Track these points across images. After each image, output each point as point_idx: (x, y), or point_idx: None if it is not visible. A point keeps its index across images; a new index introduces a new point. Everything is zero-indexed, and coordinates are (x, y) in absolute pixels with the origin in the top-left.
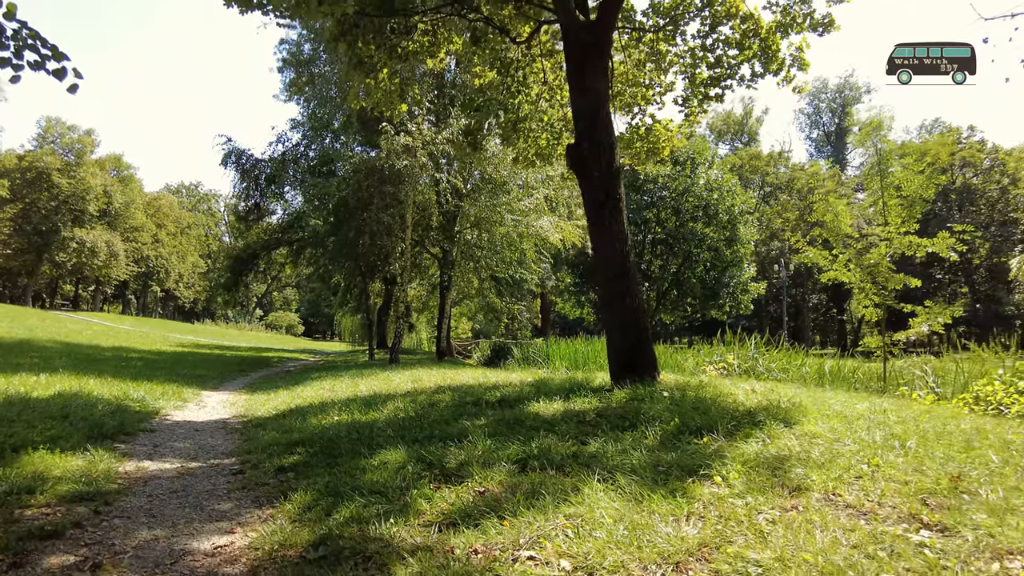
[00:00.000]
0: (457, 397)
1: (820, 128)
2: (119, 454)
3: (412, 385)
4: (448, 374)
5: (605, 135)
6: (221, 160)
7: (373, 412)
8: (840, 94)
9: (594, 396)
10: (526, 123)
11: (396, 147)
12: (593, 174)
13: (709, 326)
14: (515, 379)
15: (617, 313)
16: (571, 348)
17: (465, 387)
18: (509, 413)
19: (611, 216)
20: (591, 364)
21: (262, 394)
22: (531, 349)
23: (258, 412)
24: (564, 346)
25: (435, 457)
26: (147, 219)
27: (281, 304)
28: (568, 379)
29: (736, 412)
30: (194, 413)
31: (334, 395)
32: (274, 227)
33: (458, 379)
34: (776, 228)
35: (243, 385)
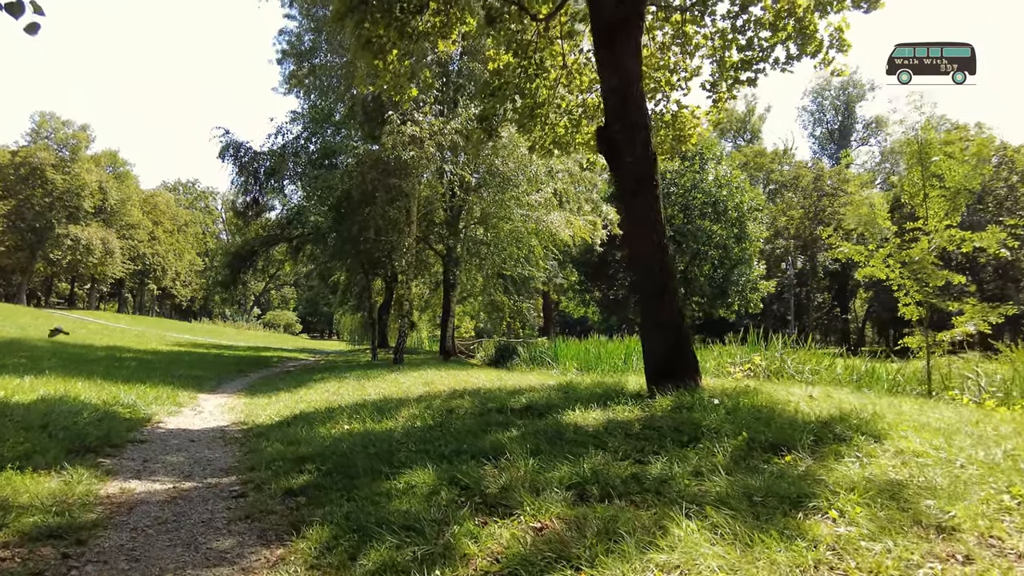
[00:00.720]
0: (478, 403)
1: (824, 125)
2: (102, 472)
3: (424, 388)
4: (459, 376)
5: (639, 115)
6: (219, 153)
7: (387, 420)
8: (844, 91)
9: (634, 404)
10: (544, 109)
11: (402, 137)
12: (626, 159)
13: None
14: (534, 382)
15: (654, 312)
16: (580, 348)
17: (483, 391)
18: (543, 424)
19: (647, 205)
20: (603, 365)
21: (263, 397)
22: (538, 349)
23: (259, 418)
24: (573, 346)
25: (471, 479)
26: (143, 216)
27: (279, 303)
28: (596, 383)
29: (806, 423)
30: (189, 420)
31: (341, 399)
32: (273, 223)
33: (472, 382)
34: (781, 226)
35: (242, 387)
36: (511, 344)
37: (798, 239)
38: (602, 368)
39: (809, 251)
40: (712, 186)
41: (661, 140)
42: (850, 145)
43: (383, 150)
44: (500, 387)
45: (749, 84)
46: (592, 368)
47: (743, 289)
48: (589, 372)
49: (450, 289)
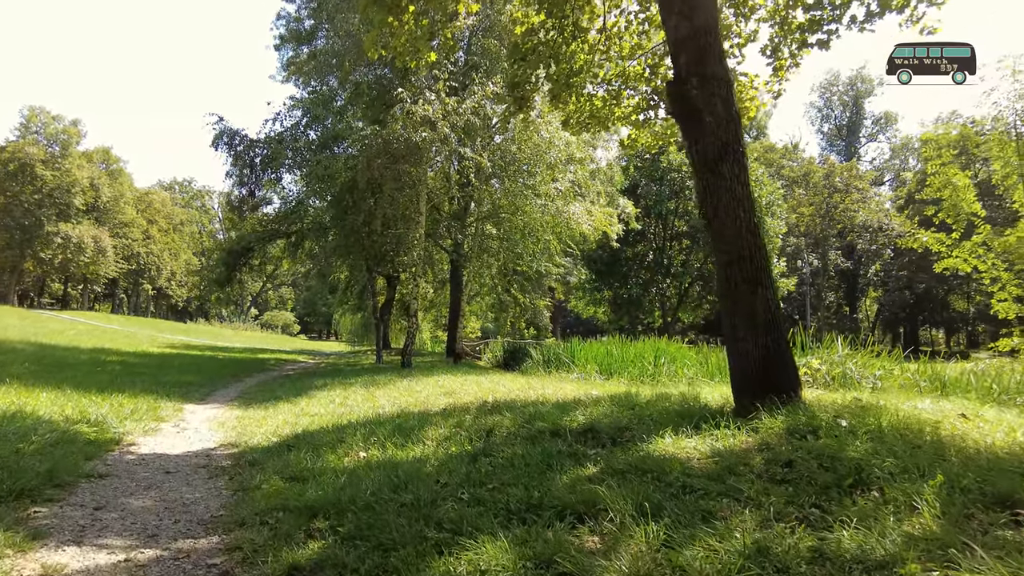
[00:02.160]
0: (522, 422)
1: (832, 121)
2: (27, 532)
3: (446, 399)
4: (481, 383)
5: (720, 67)
6: (212, 141)
7: (413, 444)
8: (852, 87)
9: (733, 426)
10: (580, 77)
11: (413, 118)
12: (705, 119)
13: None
14: (573, 392)
15: (746, 308)
16: (600, 350)
17: (519, 404)
18: (627, 457)
19: (733, 175)
20: (630, 369)
21: (258, 409)
22: (552, 351)
23: (253, 438)
24: (592, 348)
25: (574, 564)
26: (138, 215)
27: (276, 303)
28: (659, 395)
29: (998, 458)
30: (169, 440)
31: (350, 412)
32: (270, 218)
33: (498, 390)
34: (791, 223)
35: (235, 395)
36: (521, 345)
37: (809, 236)
38: (629, 372)
39: (820, 248)
40: None
41: None
42: (859, 141)
43: (391, 133)
44: (538, 399)
45: (821, 47)
46: (617, 372)
47: None
48: (613, 377)
49: (458, 287)
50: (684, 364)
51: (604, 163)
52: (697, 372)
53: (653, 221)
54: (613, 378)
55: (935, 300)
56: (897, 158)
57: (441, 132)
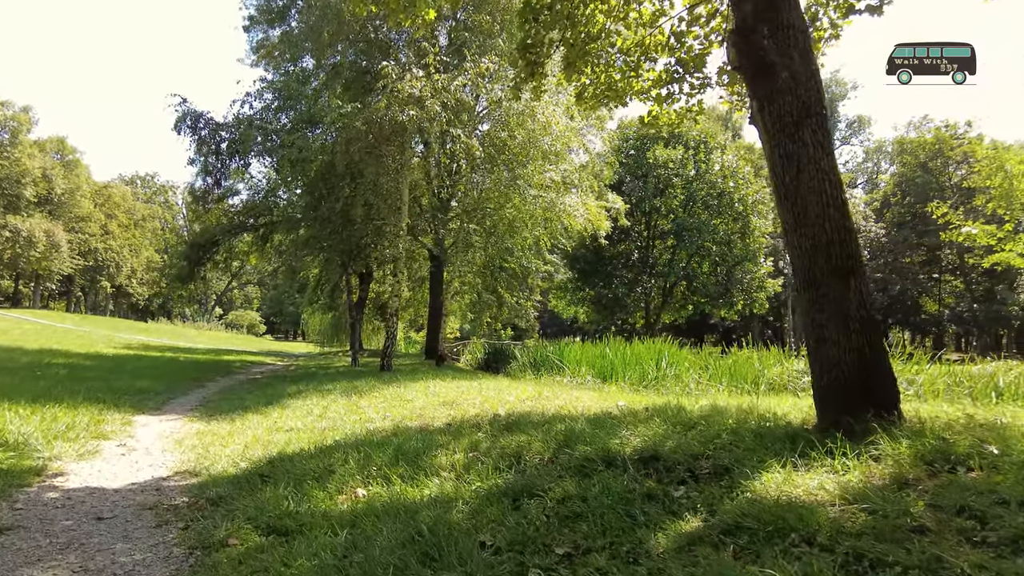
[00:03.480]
0: (557, 446)
1: None
2: None
3: (446, 411)
4: (478, 390)
5: (795, 14)
6: (174, 124)
7: (424, 476)
8: (826, 90)
9: (840, 451)
10: (598, 44)
11: (400, 96)
12: (779, 75)
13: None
14: (596, 403)
15: (835, 303)
16: (591, 352)
17: (539, 419)
18: (732, 502)
19: (816, 142)
20: (630, 372)
21: (223, 421)
22: (539, 353)
23: (217, 464)
24: (582, 350)
25: None
26: (96, 209)
27: (242, 302)
28: (712, 409)
29: None
30: (110, 466)
31: (333, 427)
32: (237, 209)
33: (503, 400)
34: None
35: (196, 403)
36: (503, 347)
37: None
38: (629, 377)
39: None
40: (718, 176)
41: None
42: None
43: (375, 112)
44: (558, 412)
45: (872, 13)
46: (614, 377)
47: (748, 288)
48: (610, 381)
49: (439, 285)
50: (684, 368)
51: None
52: (702, 377)
53: (638, 219)
54: (610, 383)
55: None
56: (870, 161)
57: (431, 110)
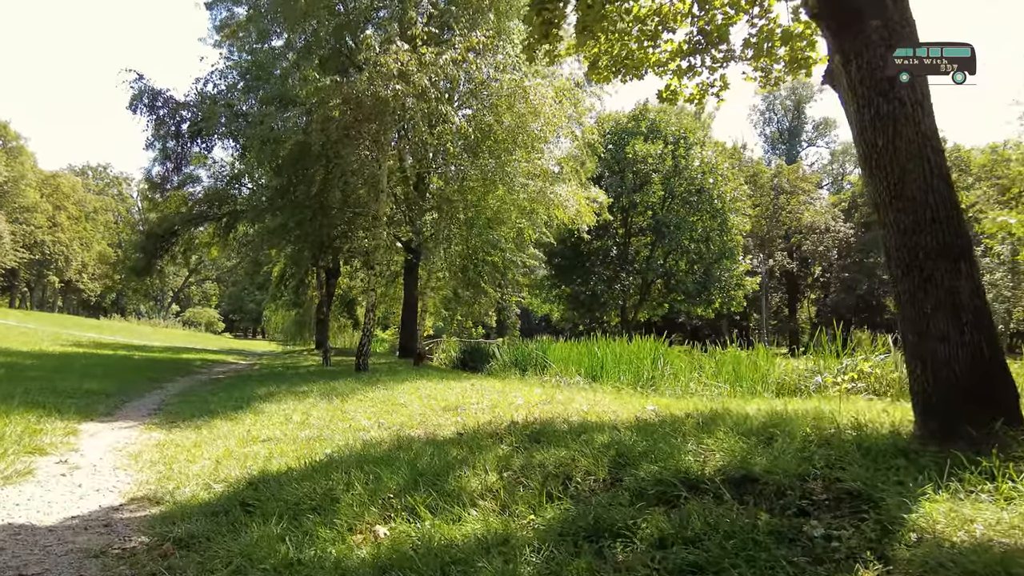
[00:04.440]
0: (611, 462)
1: (774, 125)
2: None
3: (451, 418)
4: (477, 391)
5: None
6: (129, 103)
7: (458, 507)
8: (793, 92)
9: (972, 468)
10: (616, 6)
11: (383, 70)
12: (869, 24)
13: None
14: (621, 407)
15: (943, 292)
16: (577, 351)
17: (566, 427)
18: (906, 548)
19: (915, 101)
20: (624, 373)
21: (188, 429)
22: (518, 352)
23: (185, 486)
24: (570, 348)
25: None
26: (42, 199)
27: (200, 299)
28: (774, 414)
29: None
30: (43, 492)
31: (319, 435)
32: (198, 198)
33: (509, 401)
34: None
35: (154, 407)
36: (478, 345)
37: (755, 237)
38: (623, 377)
39: (767, 250)
40: (697, 172)
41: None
42: (800, 145)
43: (356, 85)
44: (585, 419)
45: None
46: (605, 376)
47: (726, 286)
48: (600, 381)
49: (414, 280)
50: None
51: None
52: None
53: (615, 215)
54: (602, 383)
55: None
56: (836, 162)
57: (418, 84)
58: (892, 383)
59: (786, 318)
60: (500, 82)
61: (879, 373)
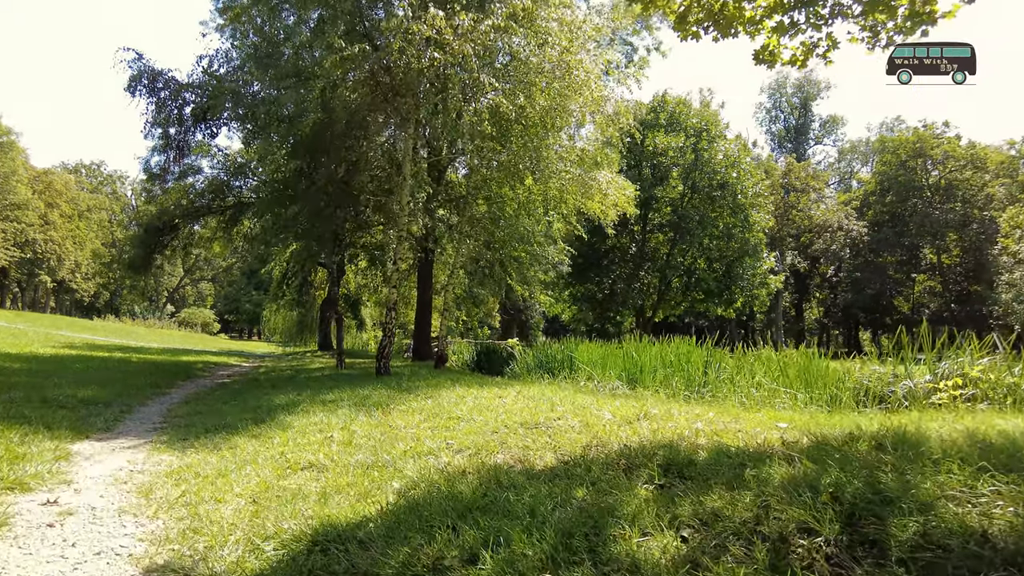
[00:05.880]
0: (843, 521)
1: (780, 122)
2: None
3: (540, 440)
4: (541, 401)
5: None
6: (127, 84)
7: None
8: (801, 90)
9: None
10: None
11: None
12: None
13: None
14: (734, 422)
15: None
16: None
17: (730, 459)
18: None
19: None
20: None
21: (206, 450)
22: (543, 354)
23: (221, 545)
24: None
25: None
26: (34, 196)
27: (195, 299)
28: (971, 435)
29: None
30: (22, 556)
31: (376, 459)
32: (201, 189)
33: (598, 418)
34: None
35: (160, 418)
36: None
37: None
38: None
39: (778, 249)
40: (722, 165)
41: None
42: (807, 143)
43: (387, 54)
44: (721, 444)
45: None
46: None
47: (749, 284)
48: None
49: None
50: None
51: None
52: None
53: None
54: (643, 388)
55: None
56: (843, 160)
57: (459, 52)
58: (1012, 389)
59: (793, 318)
60: (541, 55)
61: (992, 379)
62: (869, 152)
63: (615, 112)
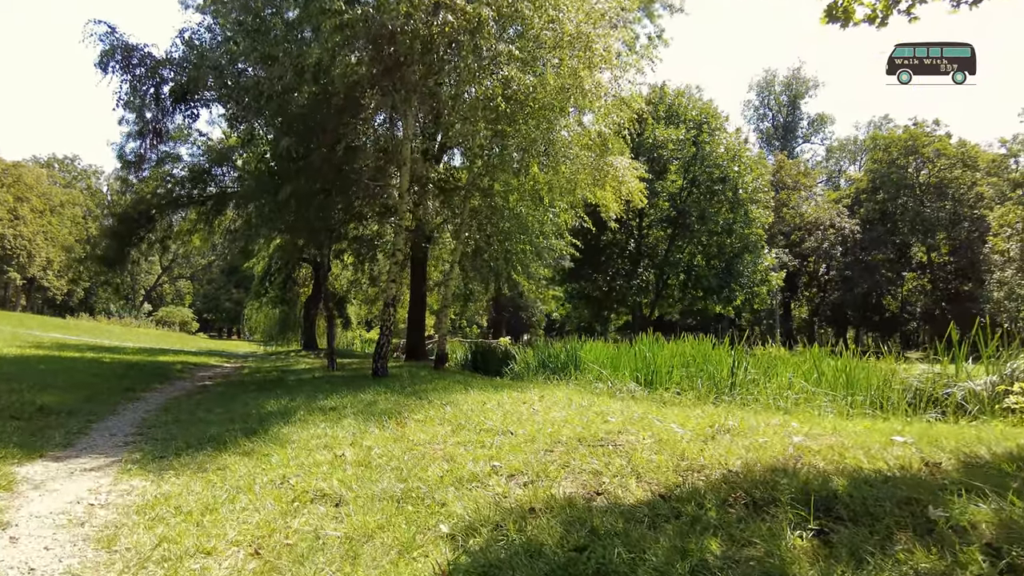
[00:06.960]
0: None
1: (769, 120)
2: None
3: (613, 463)
4: (573, 407)
5: None
6: (98, 60)
7: None
8: (789, 87)
9: None
10: None
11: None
12: None
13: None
14: (827, 435)
15: None
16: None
17: (865, 493)
18: None
19: None
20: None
21: (187, 472)
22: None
23: None
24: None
25: None
26: (3, 189)
27: (173, 297)
28: None
29: None
30: None
31: (407, 489)
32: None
33: (664, 430)
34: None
35: (133, 429)
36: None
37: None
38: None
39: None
40: (723, 158)
41: None
42: (796, 141)
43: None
44: (843, 468)
45: None
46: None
47: (749, 281)
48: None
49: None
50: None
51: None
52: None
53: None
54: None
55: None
56: (831, 159)
57: (474, 14)
58: None
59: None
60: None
61: None
62: (858, 150)
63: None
